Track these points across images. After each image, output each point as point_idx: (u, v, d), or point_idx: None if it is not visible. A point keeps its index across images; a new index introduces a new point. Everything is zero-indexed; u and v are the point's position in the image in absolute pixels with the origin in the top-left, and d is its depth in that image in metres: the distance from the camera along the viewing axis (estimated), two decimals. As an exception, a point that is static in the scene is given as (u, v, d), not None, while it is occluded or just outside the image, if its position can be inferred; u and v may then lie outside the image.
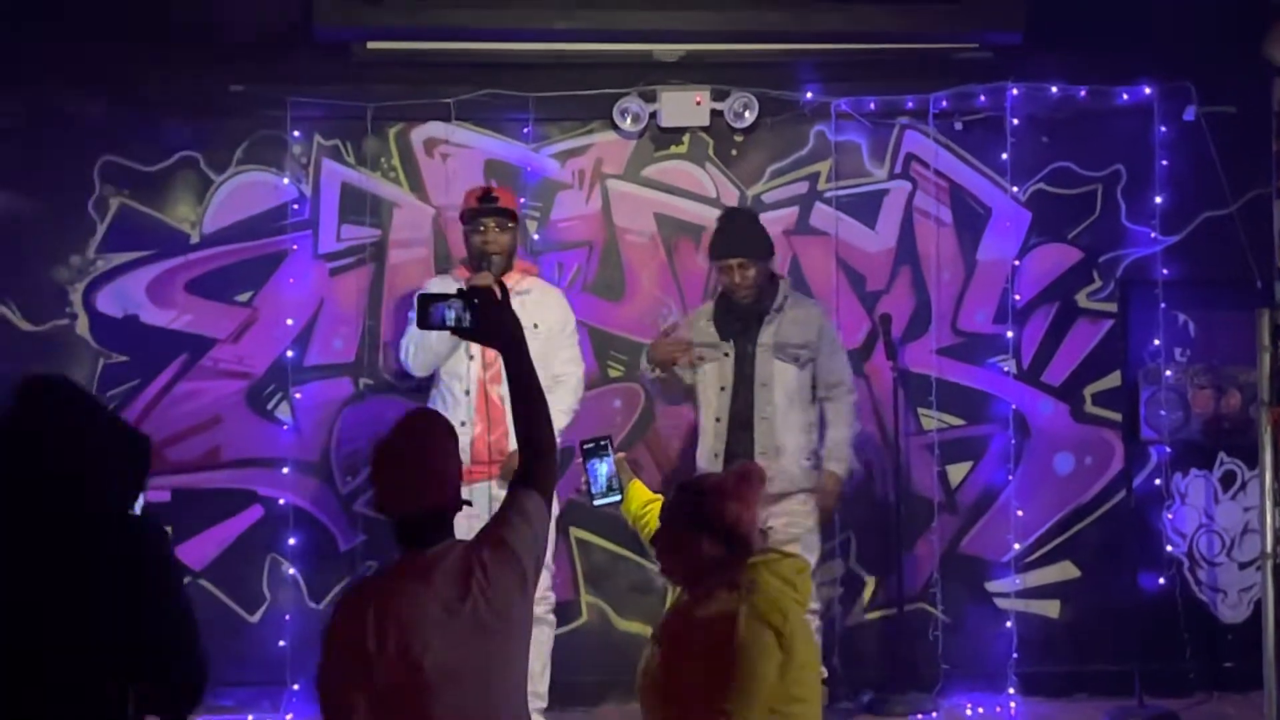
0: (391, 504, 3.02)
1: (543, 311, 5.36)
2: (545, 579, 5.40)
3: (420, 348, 5.32)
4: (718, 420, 5.41)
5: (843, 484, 5.47)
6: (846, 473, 5.46)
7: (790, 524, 5.30)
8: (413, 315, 5.13)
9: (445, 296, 3.16)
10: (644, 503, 4.06)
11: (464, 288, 3.16)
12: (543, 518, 3.07)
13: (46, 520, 2.58)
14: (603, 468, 3.86)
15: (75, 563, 2.55)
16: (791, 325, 5.39)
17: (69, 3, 5.89)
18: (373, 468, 3.09)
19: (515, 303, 5.21)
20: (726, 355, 5.42)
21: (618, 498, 3.91)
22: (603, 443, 3.89)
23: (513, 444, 5.00)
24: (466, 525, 3.24)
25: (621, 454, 4.04)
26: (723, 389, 5.41)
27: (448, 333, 4.86)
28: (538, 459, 3.12)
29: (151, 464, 2.80)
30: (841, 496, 5.52)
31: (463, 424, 5.21)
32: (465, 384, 5.27)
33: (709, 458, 5.39)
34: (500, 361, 4.92)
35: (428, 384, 5.56)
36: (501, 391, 5.09)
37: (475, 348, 5.10)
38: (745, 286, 5.36)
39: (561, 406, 5.27)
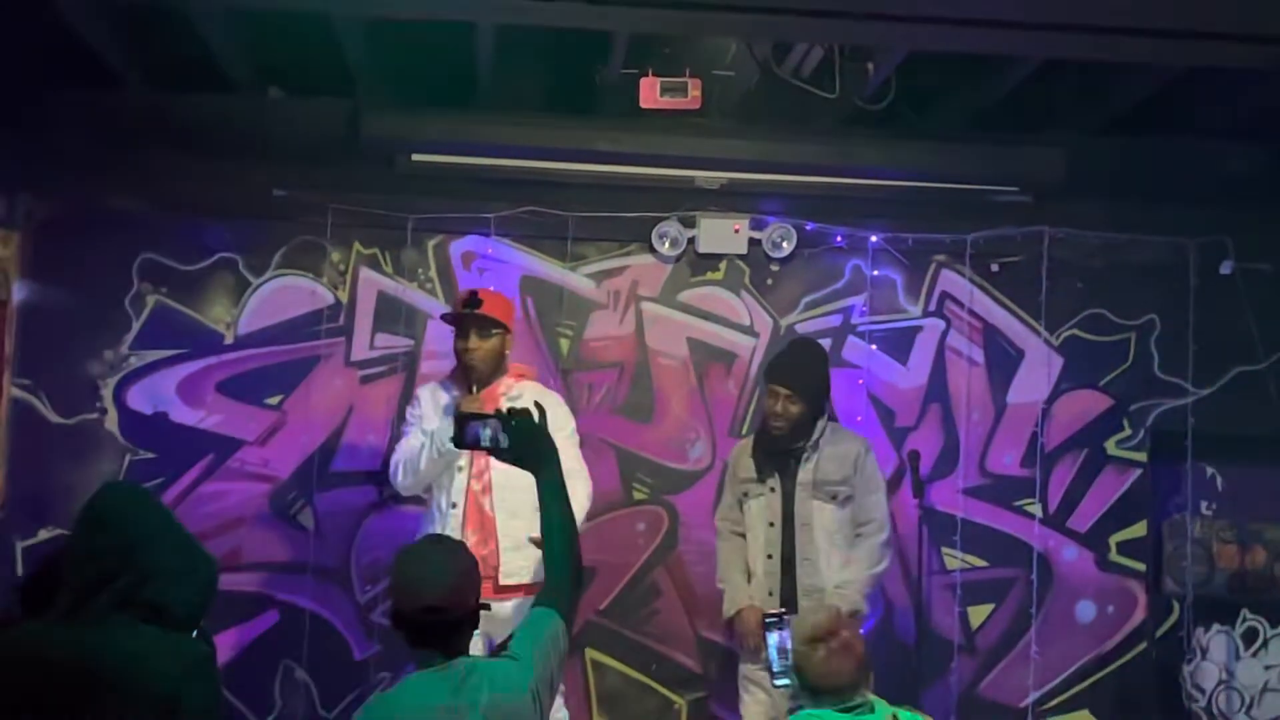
0: (409, 609, 3.01)
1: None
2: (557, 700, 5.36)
3: (407, 469, 5.09)
4: (769, 557, 5.14)
5: None
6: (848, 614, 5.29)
7: None
8: (407, 431, 5.13)
9: (483, 416, 3.17)
10: None
11: (502, 409, 3.18)
12: (557, 640, 3.07)
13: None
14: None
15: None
16: (829, 461, 5.12)
17: (116, 104, 5.94)
18: (394, 572, 3.08)
19: (503, 407, 5.24)
20: (773, 490, 5.18)
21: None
22: (786, 617, 3.74)
23: (504, 558, 4.93)
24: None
25: None
26: (771, 525, 5.14)
27: (435, 455, 4.90)
28: (563, 582, 3.13)
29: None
30: None
31: None
32: (452, 497, 5.03)
33: (763, 597, 5.12)
34: (490, 473, 4.94)
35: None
36: (493, 503, 4.96)
37: (464, 459, 4.98)
38: (782, 418, 5.08)
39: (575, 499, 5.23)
